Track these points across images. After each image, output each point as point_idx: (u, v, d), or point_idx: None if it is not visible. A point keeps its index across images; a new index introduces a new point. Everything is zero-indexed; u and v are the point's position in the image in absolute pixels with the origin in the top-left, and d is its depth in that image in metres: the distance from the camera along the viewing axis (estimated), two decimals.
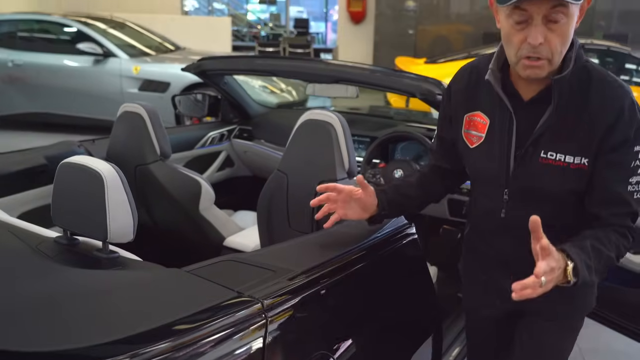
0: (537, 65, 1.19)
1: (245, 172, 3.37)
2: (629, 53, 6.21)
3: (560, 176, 1.27)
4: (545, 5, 1.13)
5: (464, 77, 1.40)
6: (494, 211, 1.38)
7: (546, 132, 1.26)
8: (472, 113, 1.37)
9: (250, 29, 14.82)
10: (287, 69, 2.68)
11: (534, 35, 1.15)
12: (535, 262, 1.15)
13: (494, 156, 1.33)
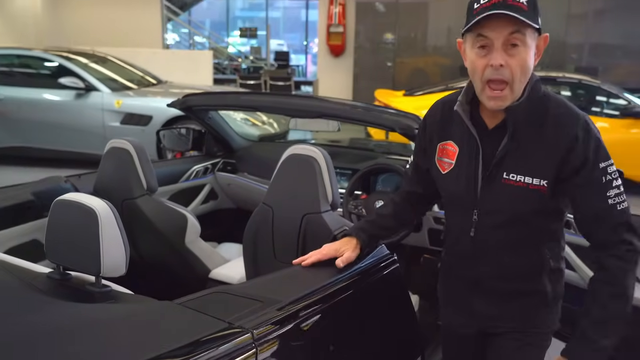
0: (500, 96, 1.32)
1: (229, 205, 3.41)
2: (599, 86, 6.44)
3: (521, 196, 1.38)
4: (503, 32, 1.28)
5: (438, 111, 1.54)
6: (465, 231, 1.48)
7: (506, 156, 1.39)
8: (445, 142, 1.50)
9: (231, 62, 14.98)
10: (271, 104, 2.77)
11: (495, 57, 1.29)
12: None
13: (463, 179, 1.45)
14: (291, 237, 1.96)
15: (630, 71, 11.13)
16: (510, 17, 1.25)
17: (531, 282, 1.49)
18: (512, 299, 1.51)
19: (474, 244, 1.48)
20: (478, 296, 1.53)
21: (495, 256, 1.46)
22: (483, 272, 1.50)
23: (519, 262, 1.46)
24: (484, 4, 1.27)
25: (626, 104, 6.17)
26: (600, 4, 11.23)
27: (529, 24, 1.27)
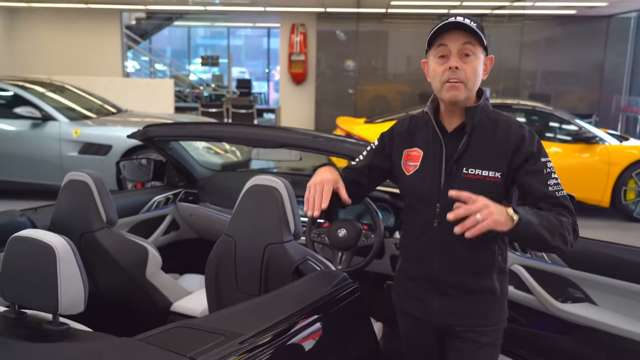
0: (456, 87, 1.59)
1: (191, 235, 3.38)
2: (551, 112, 6.68)
3: (480, 187, 1.57)
4: (459, 42, 1.58)
5: (405, 123, 1.80)
6: (429, 224, 1.67)
7: (465, 152, 1.63)
8: (410, 149, 1.74)
9: (192, 89, 14.97)
10: (233, 134, 2.78)
11: (452, 61, 1.58)
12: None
13: (428, 177, 1.68)
14: (254, 268, 1.96)
15: (581, 97, 11.60)
16: (463, 31, 1.57)
17: (484, 279, 1.68)
18: (467, 295, 1.68)
19: (436, 235, 1.66)
20: (437, 295, 1.70)
21: (453, 248, 1.65)
22: (442, 267, 1.68)
23: (474, 257, 1.66)
24: (445, 23, 1.58)
25: (577, 129, 6.41)
26: (551, 33, 11.72)
27: (478, 38, 1.57)
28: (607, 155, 6.15)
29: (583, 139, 6.27)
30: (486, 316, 1.70)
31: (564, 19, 11.29)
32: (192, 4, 11.09)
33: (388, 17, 11.56)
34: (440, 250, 1.67)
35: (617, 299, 2.20)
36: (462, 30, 1.57)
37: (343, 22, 11.59)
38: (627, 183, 6.11)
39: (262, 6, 10.87)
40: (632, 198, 6.17)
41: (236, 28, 19.13)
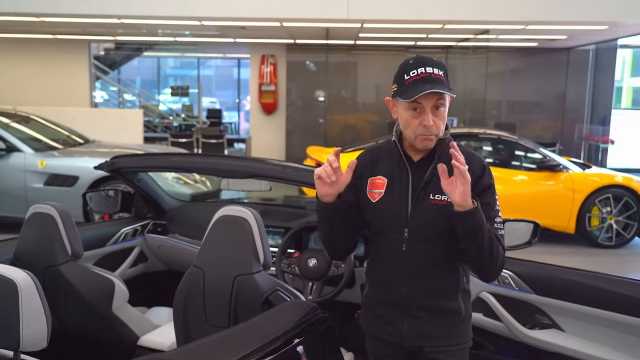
0: (430, 139, 1.69)
1: (160, 267, 3.33)
2: (517, 141, 6.85)
3: (445, 212, 1.66)
4: (432, 100, 1.65)
5: (368, 154, 1.88)
6: (397, 249, 1.74)
7: (432, 179, 1.71)
8: (374, 177, 1.81)
9: (162, 119, 14.89)
10: (202, 165, 2.77)
11: (427, 119, 1.66)
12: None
13: (394, 203, 1.75)
14: (223, 300, 1.94)
15: (545, 126, 11.93)
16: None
17: (450, 301, 1.76)
18: (436, 317, 1.75)
19: (405, 259, 1.73)
20: (407, 318, 1.75)
21: (422, 272, 1.73)
22: (411, 291, 1.73)
23: (440, 279, 1.74)
24: (414, 77, 1.64)
25: (542, 157, 6.58)
26: (515, 64, 12.08)
27: (448, 93, 1.65)
28: (571, 182, 6.31)
29: (548, 167, 6.42)
30: (454, 336, 1.78)
31: (527, 51, 11.67)
32: (162, 35, 11.11)
33: (356, 48, 11.77)
34: (409, 275, 1.73)
35: (583, 325, 2.24)
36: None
37: (313, 53, 11.75)
38: (590, 210, 6.27)
39: (232, 37, 10.95)
40: (596, 224, 6.32)
41: (206, 58, 19.20)
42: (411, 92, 1.63)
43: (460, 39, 10.38)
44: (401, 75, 1.67)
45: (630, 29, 8.58)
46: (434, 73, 1.63)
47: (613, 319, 2.10)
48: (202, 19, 8.24)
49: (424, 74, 1.63)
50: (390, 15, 7.56)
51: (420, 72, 1.63)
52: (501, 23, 7.98)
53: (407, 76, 1.65)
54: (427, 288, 1.73)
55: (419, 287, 1.73)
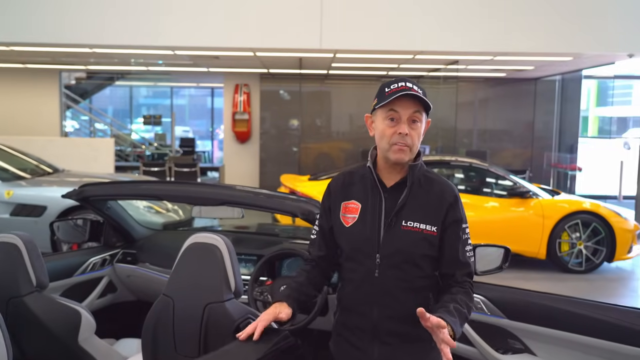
0: (404, 150, 1.71)
1: (129, 297, 3.25)
2: (487, 168, 6.96)
3: (417, 239, 1.72)
4: (410, 110, 1.71)
5: (340, 178, 1.89)
6: (369, 274, 1.75)
7: (405, 206, 1.74)
8: (348, 201, 1.82)
9: (134, 149, 14.76)
10: (172, 192, 2.74)
11: (402, 127, 1.71)
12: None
13: (367, 228, 1.75)
14: (193, 328, 1.90)
15: (515, 154, 12.17)
16: (414, 100, 1.71)
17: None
18: (407, 344, 1.75)
19: (376, 285, 1.74)
20: (378, 345, 1.76)
21: (393, 297, 1.74)
22: (382, 316, 1.74)
23: (411, 304, 1.71)
24: (394, 89, 1.70)
25: (512, 184, 6.69)
26: (484, 94, 12.36)
27: (425, 106, 1.72)
28: (541, 209, 6.41)
29: (518, 194, 6.53)
30: (416, 357, 1.78)
31: (496, 81, 11.96)
32: (134, 64, 11.09)
33: (330, 78, 11.91)
34: (380, 300, 1.74)
35: (555, 349, 2.25)
36: (413, 99, 1.70)
37: (286, 82, 11.85)
38: (560, 235, 6.37)
39: (205, 67, 10.99)
40: (566, 250, 6.42)
41: (180, 88, 19.20)
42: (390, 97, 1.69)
43: (431, 69, 10.60)
44: (382, 90, 1.75)
45: (593, 60, 8.88)
46: (413, 88, 1.70)
47: (584, 343, 2.11)
48: (175, 49, 8.26)
49: (403, 87, 1.70)
50: (362, 46, 7.69)
51: (400, 85, 1.71)
52: (470, 54, 8.18)
53: (387, 89, 1.72)
54: (398, 314, 1.74)
55: (390, 312, 1.74)
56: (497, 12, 7.57)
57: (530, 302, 2.30)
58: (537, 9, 7.56)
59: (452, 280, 1.77)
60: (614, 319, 2.04)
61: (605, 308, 2.14)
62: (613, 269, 6.67)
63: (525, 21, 7.56)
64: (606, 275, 6.46)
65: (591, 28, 7.57)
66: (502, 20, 7.57)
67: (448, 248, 1.76)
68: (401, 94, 1.68)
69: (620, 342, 1.99)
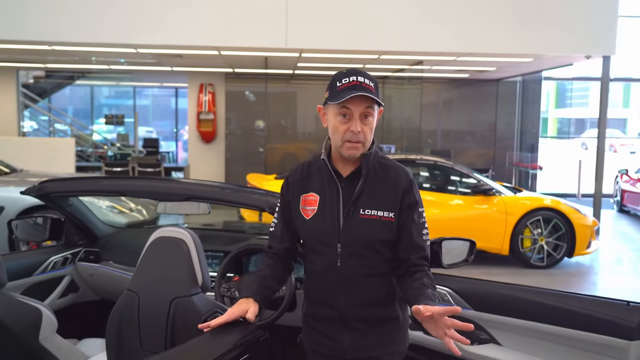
0: (356, 147, 1.73)
1: (92, 297, 3.17)
2: (452, 167, 7.06)
3: (376, 226, 1.74)
4: (361, 106, 1.71)
5: (299, 170, 1.89)
6: (332, 264, 1.77)
7: (362, 195, 1.76)
8: (306, 194, 1.83)
9: (96, 149, 14.44)
10: (135, 188, 2.68)
11: (355, 125, 1.71)
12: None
13: (327, 220, 1.77)
14: (159, 323, 1.86)
15: (478, 154, 12.38)
16: (366, 96, 1.69)
17: (387, 309, 1.81)
18: (375, 327, 1.79)
19: (340, 274, 1.75)
20: (347, 331, 1.78)
21: (357, 284, 1.75)
22: (348, 304, 1.76)
23: (376, 289, 1.77)
24: (345, 84, 1.70)
25: (476, 182, 6.80)
26: (448, 95, 12.55)
27: (377, 102, 1.72)
28: (503, 206, 6.54)
29: (482, 191, 6.64)
30: (393, 344, 1.82)
31: (459, 82, 12.15)
32: (96, 63, 10.86)
33: (295, 78, 11.90)
34: (345, 289, 1.76)
35: (520, 338, 2.29)
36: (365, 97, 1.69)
37: (252, 82, 11.78)
38: (523, 232, 6.51)
39: (169, 66, 10.83)
40: (529, 246, 6.56)
41: (143, 87, 18.87)
42: (341, 96, 1.69)
43: (396, 70, 10.69)
44: (333, 83, 1.74)
45: (552, 61, 9.10)
46: (365, 83, 1.70)
47: (548, 331, 2.15)
48: (137, 47, 8.11)
49: (355, 82, 1.69)
50: (328, 45, 7.70)
51: (351, 80, 1.70)
52: (434, 54, 8.29)
53: (339, 83, 1.72)
54: (363, 300, 1.77)
55: (356, 299, 1.76)
56: (461, 14, 7.69)
57: (495, 293, 2.34)
58: (499, 11, 7.72)
59: (409, 263, 1.78)
60: (577, 307, 2.09)
61: (567, 297, 2.19)
62: (573, 264, 6.85)
63: (488, 23, 7.71)
64: (566, 270, 6.62)
65: (551, 30, 7.77)
66: (465, 22, 7.69)
67: (404, 232, 1.78)
68: (354, 95, 1.67)
69: (583, 330, 2.04)
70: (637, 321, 1.94)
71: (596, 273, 6.82)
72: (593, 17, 7.80)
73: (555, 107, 24.00)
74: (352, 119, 1.71)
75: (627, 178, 10.21)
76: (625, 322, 1.95)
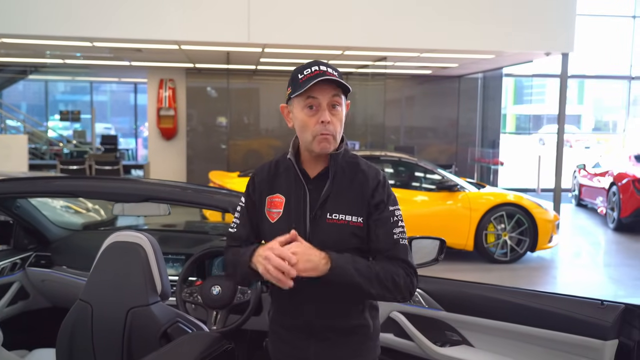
0: (328, 139, 1.61)
1: (43, 304, 2.99)
2: (416, 163, 7.05)
3: (344, 232, 1.62)
4: (328, 94, 1.60)
5: (265, 169, 1.76)
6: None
7: (329, 198, 1.64)
8: (272, 195, 1.70)
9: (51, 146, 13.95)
10: (89, 189, 2.51)
11: (324, 115, 1.59)
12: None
13: (292, 223, 1.63)
14: (114, 336, 1.73)
15: (440, 150, 12.48)
16: (332, 83, 1.60)
17: (356, 319, 1.69)
18: (344, 337, 1.68)
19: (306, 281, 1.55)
20: (314, 342, 1.68)
21: (324, 293, 1.61)
22: (314, 312, 1.66)
23: (344, 298, 1.65)
24: (308, 75, 1.58)
25: (440, 178, 6.81)
26: (411, 92, 12.59)
27: (344, 88, 1.62)
28: (468, 202, 6.56)
29: (446, 187, 6.65)
30: (362, 354, 1.72)
31: (422, 79, 12.20)
32: (50, 57, 10.45)
33: (258, 74, 11.73)
34: (312, 298, 1.65)
35: (492, 339, 2.24)
36: (330, 83, 1.59)
37: (213, 78, 11.56)
38: (487, 227, 6.55)
39: (127, 60, 10.51)
40: (492, 241, 6.61)
41: (100, 83, 18.34)
42: (306, 84, 1.57)
43: (360, 66, 10.65)
44: (295, 76, 1.63)
45: (513, 58, 9.22)
46: (328, 71, 1.60)
47: (520, 332, 2.11)
48: (93, 40, 7.82)
49: (317, 71, 1.59)
50: (291, 40, 7.60)
51: (314, 70, 1.60)
52: (397, 50, 8.28)
53: (301, 75, 1.61)
54: (331, 309, 1.67)
55: (323, 308, 1.66)
56: (424, 11, 7.70)
57: (467, 293, 2.29)
58: (462, 8, 7.75)
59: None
60: (551, 307, 2.05)
61: (541, 296, 2.15)
62: (535, 259, 6.94)
63: (450, 20, 7.74)
64: (529, 264, 6.71)
65: (512, 27, 7.86)
66: (428, 19, 7.71)
67: (371, 234, 1.64)
68: (318, 80, 1.57)
69: (557, 330, 2.00)
70: (612, 320, 1.91)
71: (557, 267, 6.94)
72: (552, 14, 7.93)
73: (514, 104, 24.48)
74: (320, 108, 1.60)
75: (585, 173, 10.44)
76: (600, 322, 1.92)
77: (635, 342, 1.89)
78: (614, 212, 8.71)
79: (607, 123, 26.08)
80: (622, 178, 8.68)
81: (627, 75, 13.42)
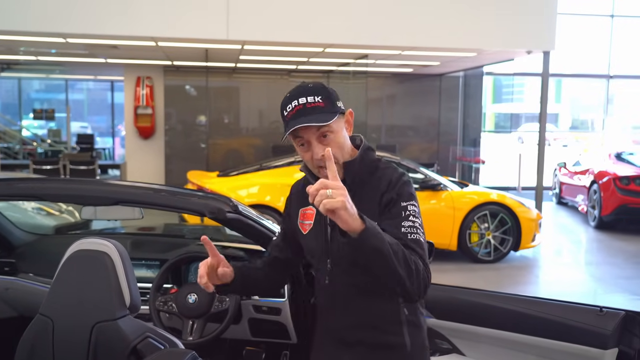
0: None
1: (9, 313, 2.81)
2: (399, 162, 6.95)
3: None
4: (313, 132, 1.56)
5: (300, 182, 1.79)
6: (322, 281, 1.67)
7: None
8: (305, 207, 1.72)
9: (24, 145, 13.61)
10: (56, 192, 2.34)
11: (315, 152, 1.57)
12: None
13: (319, 234, 1.66)
14: (78, 354, 1.59)
15: (422, 149, 12.45)
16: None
17: (390, 334, 1.62)
18: (375, 352, 1.62)
19: (328, 291, 1.65)
20: (346, 352, 1.65)
21: (351, 304, 1.62)
22: (344, 323, 1.65)
23: (374, 311, 1.62)
24: (290, 112, 1.55)
25: (423, 177, 6.72)
26: (392, 90, 12.53)
27: (317, 125, 1.54)
28: (451, 201, 6.49)
29: (429, 186, 6.57)
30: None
31: (403, 77, 12.14)
32: (23, 53, 10.16)
33: (238, 72, 11.56)
34: (337, 308, 1.65)
35: (483, 347, 2.15)
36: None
37: (192, 75, 11.36)
38: (470, 227, 6.48)
39: (103, 57, 10.26)
40: (476, 240, 6.54)
41: (76, 81, 17.96)
42: (289, 127, 1.56)
43: (341, 64, 10.55)
44: (282, 112, 1.60)
45: (494, 56, 9.19)
46: (309, 103, 1.54)
47: (514, 340, 2.01)
48: (67, 36, 7.59)
49: (298, 107, 1.55)
50: (271, 37, 7.46)
51: (294, 106, 1.55)
52: (378, 48, 8.18)
53: (285, 112, 1.58)
54: (358, 321, 1.64)
55: (349, 320, 1.64)
56: (406, 8, 7.63)
57: (459, 299, 2.19)
58: (443, 5, 7.70)
59: None
60: (547, 314, 1.96)
61: (536, 303, 2.05)
62: (518, 258, 6.90)
63: (432, 17, 7.68)
64: (512, 264, 6.66)
65: (493, 25, 7.83)
66: (410, 16, 7.64)
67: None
68: (297, 127, 1.52)
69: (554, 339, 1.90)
70: (611, 328, 1.81)
71: (539, 266, 6.91)
72: (534, 13, 7.91)
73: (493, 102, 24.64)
74: (310, 145, 1.57)
75: (566, 171, 10.47)
76: (599, 330, 1.82)
77: (636, 350, 1.80)
78: (595, 210, 8.74)
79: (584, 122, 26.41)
80: (602, 176, 8.70)
81: (605, 74, 13.52)
